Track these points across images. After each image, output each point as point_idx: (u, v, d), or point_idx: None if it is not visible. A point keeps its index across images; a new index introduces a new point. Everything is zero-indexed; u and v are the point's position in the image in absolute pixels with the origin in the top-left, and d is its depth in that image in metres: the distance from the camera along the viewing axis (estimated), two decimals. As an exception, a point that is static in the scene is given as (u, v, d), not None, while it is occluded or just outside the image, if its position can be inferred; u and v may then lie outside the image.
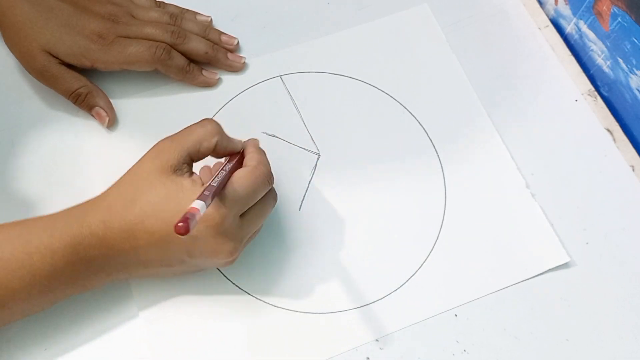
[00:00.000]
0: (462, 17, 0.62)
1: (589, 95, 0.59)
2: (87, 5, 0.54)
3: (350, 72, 0.59)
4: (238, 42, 0.59)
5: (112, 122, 0.55)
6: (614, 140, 0.57)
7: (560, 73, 0.60)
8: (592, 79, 0.60)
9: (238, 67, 0.59)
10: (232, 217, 0.43)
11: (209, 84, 0.58)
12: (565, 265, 0.52)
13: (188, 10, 0.59)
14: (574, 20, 0.60)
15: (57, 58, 0.53)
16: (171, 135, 0.46)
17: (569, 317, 0.50)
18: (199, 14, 0.60)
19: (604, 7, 0.55)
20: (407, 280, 0.51)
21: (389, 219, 0.53)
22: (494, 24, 0.62)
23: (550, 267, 0.51)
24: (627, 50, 0.55)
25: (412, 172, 0.55)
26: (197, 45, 0.56)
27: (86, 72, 0.55)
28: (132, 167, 0.45)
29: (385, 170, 0.55)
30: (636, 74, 0.55)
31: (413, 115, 0.57)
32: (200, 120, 0.47)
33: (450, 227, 0.53)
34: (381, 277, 0.51)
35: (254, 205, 0.45)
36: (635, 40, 0.53)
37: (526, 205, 0.54)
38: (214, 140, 0.45)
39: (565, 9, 0.61)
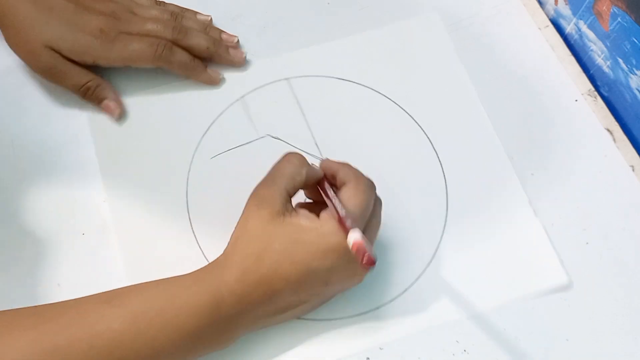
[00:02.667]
0: (462, 17, 0.62)
1: (589, 95, 0.59)
2: (88, 4, 0.54)
3: (357, 77, 0.59)
4: (238, 41, 0.59)
5: (121, 114, 0.56)
6: (614, 140, 0.57)
7: (560, 73, 0.60)
8: (592, 79, 0.60)
9: (240, 62, 0.58)
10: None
11: (213, 82, 0.57)
12: (565, 265, 0.52)
13: (188, 9, 0.59)
14: (574, 20, 0.60)
15: (60, 54, 0.53)
16: (264, 181, 0.46)
17: (569, 317, 0.50)
18: (199, 13, 0.60)
19: (604, 7, 0.55)
20: (406, 290, 0.51)
21: (391, 227, 0.52)
22: (494, 24, 0.62)
23: (550, 288, 0.51)
24: (627, 50, 0.55)
25: (414, 182, 0.55)
26: (198, 41, 0.56)
27: (89, 68, 0.55)
28: (240, 221, 0.45)
29: (388, 178, 0.54)
30: (636, 74, 0.55)
31: (418, 124, 0.57)
32: (283, 156, 0.47)
33: (451, 238, 0.52)
34: (380, 285, 0.50)
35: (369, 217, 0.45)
36: (635, 40, 0.53)
37: (529, 224, 0.53)
38: (304, 171, 0.46)
39: (565, 9, 0.61)
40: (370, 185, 0.46)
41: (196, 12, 0.60)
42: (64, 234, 0.51)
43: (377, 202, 0.47)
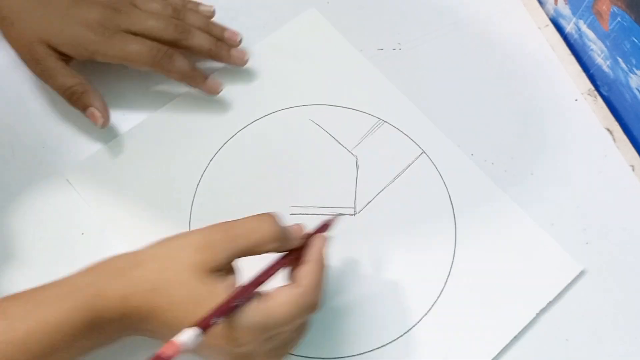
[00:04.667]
0: (462, 17, 0.62)
1: (588, 95, 0.59)
2: None
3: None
4: (241, 39, 0.58)
5: (106, 123, 0.53)
6: (614, 140, 0.57)
7: (560, 73, 0.60)
8: (592, 79, 0.60)
9: (241, 62, 0.57)
10: (257, 345, 0.40)
11: (213, 92, 0.56)
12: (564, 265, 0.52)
13: (190, 1, 0.58)
14: (574, 19, 0.60)
15: (55, 50, 0.51)
16: (225, 227, 0.41)
17: (569, 317, 0.50)
18: (202, 4, 0.58)
19: (604, 7, 0.55)
20: (419, 321, 0.50)
21: (398, 259, 0.51)
22: (494, 23, 0.62)
23: (568, 282, 0.50)
24: (626, 49, 0.55)
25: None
26: (200, 42, 0.54)
27: (95, 74, 0.54)
28: (171, 242, 0.41)
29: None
30: (636, 74, 0.54)
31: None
32: (262, 216, 0.42)
33: (461, 269, 0.51)
34: (390, 320, 0.49)
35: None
36: (635, 40, 0.53)
37: (532, 233, 0.52)
38: (270, 246, 0.41)
39: (565, 9, 0.61)
40: (309, 308, 0.41)
41: (198, 4, 0.58)
42: (64, 234, 0.51)
43: (305, 325, 0.45)
